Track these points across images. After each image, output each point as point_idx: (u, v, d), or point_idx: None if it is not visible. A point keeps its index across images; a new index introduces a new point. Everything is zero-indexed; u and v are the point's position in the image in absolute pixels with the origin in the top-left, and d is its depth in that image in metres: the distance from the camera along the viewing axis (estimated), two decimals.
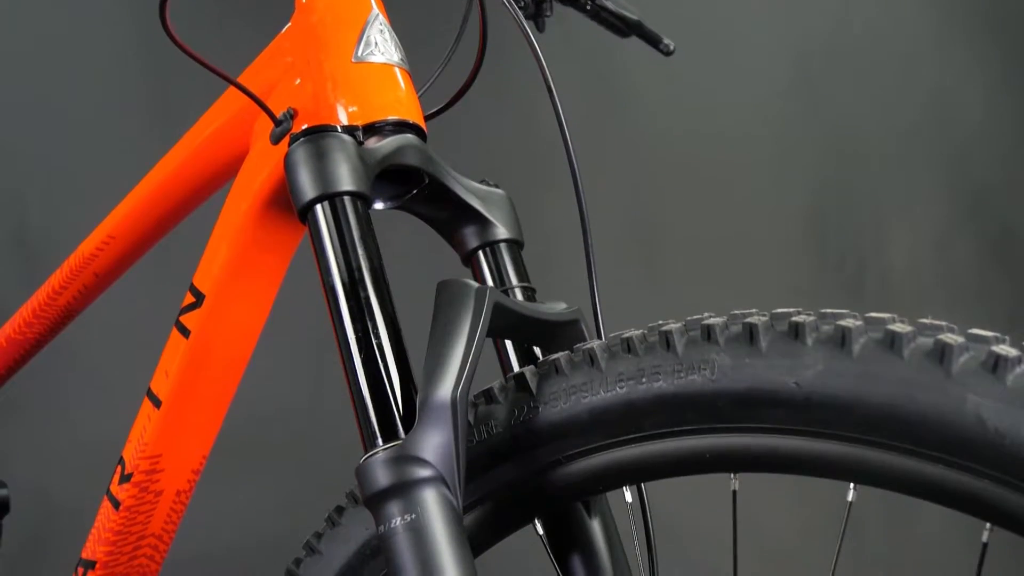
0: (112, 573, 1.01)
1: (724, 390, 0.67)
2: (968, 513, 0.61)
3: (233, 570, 2.12)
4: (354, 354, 0.75)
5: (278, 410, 2.27)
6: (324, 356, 1.38)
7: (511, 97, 2.24)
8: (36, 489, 2.29)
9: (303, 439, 2.32)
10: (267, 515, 2.18)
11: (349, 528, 0.82)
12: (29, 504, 2.26)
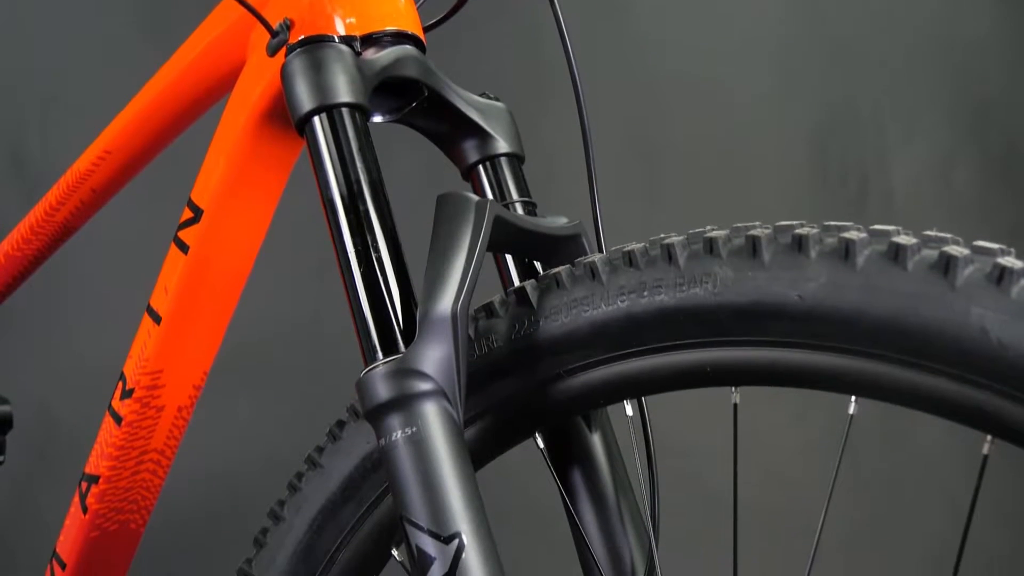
0: (115, 487, 1.01)
1: (726, 303, 0.67)
2: (969, 425, 0.61)
3: (235, 487, 2.14)
4: (353, 268, 0.75)
5: (279, 328, 2.27)
6: (325, 273, 1.37)
7: (512, 8, 2.21)
8: (38, 406, 2.31)
9: (304, 356, 2.33)
10: (269, 432, 2.19)
11: (350, 442, 0.83)
12: (32, 421, 2.28)
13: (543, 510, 1.94)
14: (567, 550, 0.92)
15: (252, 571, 0.87)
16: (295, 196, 1.06)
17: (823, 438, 2.40)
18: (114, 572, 1.07)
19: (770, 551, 2.31)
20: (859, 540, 2.62)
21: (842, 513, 2.43)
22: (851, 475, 2.57)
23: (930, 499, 2.66)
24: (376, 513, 0.82)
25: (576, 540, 0.82)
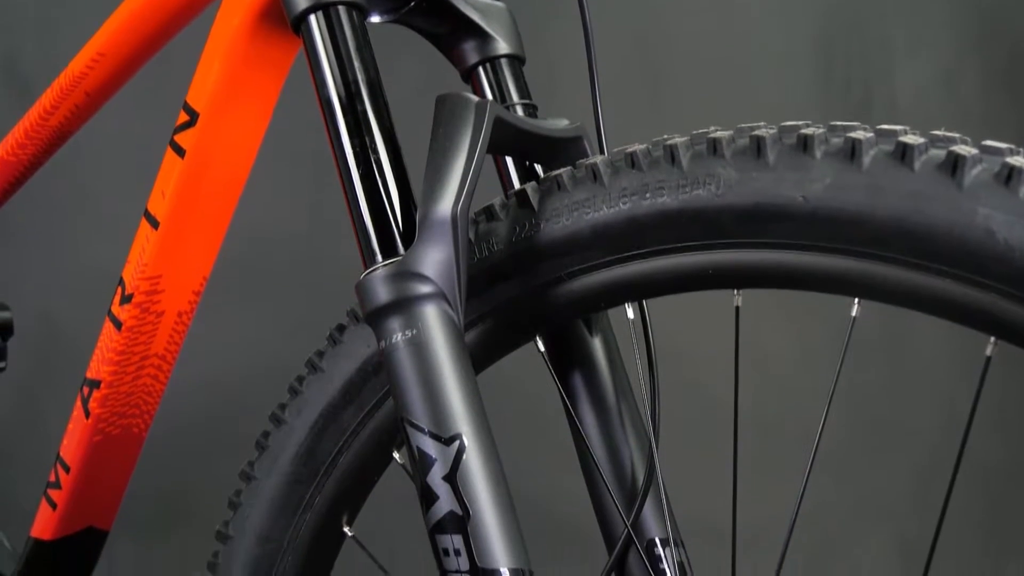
0: (117, 392, 1.02)
1: (729, 205, 0.66)
2: (973, 327, 0.61)
3: (237, 394, 2.15)
4: (352, 170, 0.74)
5: (278, 235, 2.26)
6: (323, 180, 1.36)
7: None
8: (39, 313, 2.31)
9: (304, 264, 2.33)
10: (269, 339, 2.20)
11: (350, 345, 0.83)
12: (33, 328, 2.29)
13: (543, 415, 1.96)
14: (567, 454, 0.92)
15: (255, 473, 0.87)
16: (292, 100, 1.04)
17: (823, 345, 2.40)
18: (118, 476, 1.08)
19: (769, 457, 2.33)
20: (857, 447, 2.64)
21: (840, 419, 2.45)
22: (850, 382, 2.58)
23: (928, 407, 2.68)
24: (377, 416, 0.82)
25: (576, 443, 0.83)
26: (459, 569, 0.66)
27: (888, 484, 2.69)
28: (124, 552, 2.52)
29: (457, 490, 0.66)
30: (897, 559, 2.64)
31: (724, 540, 1.02)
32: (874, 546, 2.67)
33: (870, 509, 2.70)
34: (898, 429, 2.72)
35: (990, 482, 2.60)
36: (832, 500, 2.60)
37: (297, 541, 0.85)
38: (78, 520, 1.08)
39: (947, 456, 0.78)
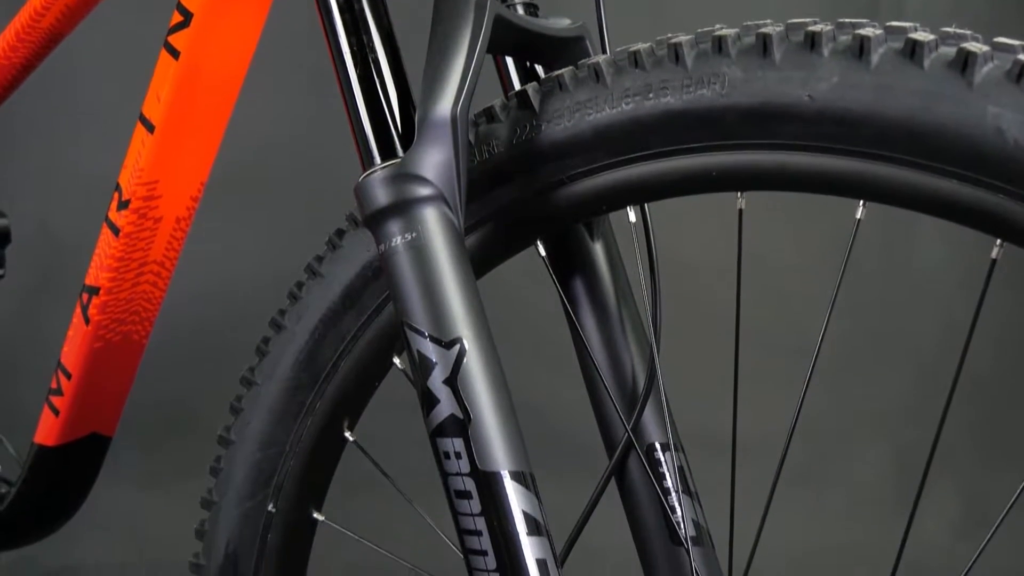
0: (116, 299, 1.01)
1: (734, 105, 0.64)
2: (979, 229, 0.60)
3: (237, 303, 2.15)
4: (350, 70, 0.72)
5: (276, 143, 2.25)
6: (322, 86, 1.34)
7: None
8: (39, 223, 2.30)
9: (303, 172, 2.31)
10: (268, 249, 2.19)
11: (350, 250, 0.82)
12: (33, 238, 2.28)
13: (543, 322, 1.96)
14: (567, 366, 0.92)
15: (255, 379, 0.87)
16: (290, 5, 1.02)
17: (823, 257, 2.40)
18: (119, 382, 1.08)
19: (768, 367, 2.34)
20: (855, 359, 2.65)
21: (840, 331, 2.46)
22: (850, 294, 2.58)
23: (927, 319, 2.69)
24: (377, 321, 0.82)
25: (577, 347, 0.83)
26: (460, 472, 0.66)
27: (886, 396, 2.71)
28: (128, 458, 2.55)
29: (458, 393, 0.66)
30: (893, 469, 2.67)
31: (722, 449, 1.03)
32: (870, 457, 2.70)
33: (867, 421, 2.72)
34: (897, 341, 2.72)
35: (987, 394, 2.62)
36: (830, 411, 2.62)
37: (298, 446, 0.85)
38: (81, 426, 1.08)
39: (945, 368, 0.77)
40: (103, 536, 2.62)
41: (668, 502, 0.80)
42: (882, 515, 2.56)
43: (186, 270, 1.32)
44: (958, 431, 2.21)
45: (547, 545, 0.65)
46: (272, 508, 0.86)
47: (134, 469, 2.64)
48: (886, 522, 2.11)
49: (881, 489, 2.65)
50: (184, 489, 0.97)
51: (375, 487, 1.74)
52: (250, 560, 0.87)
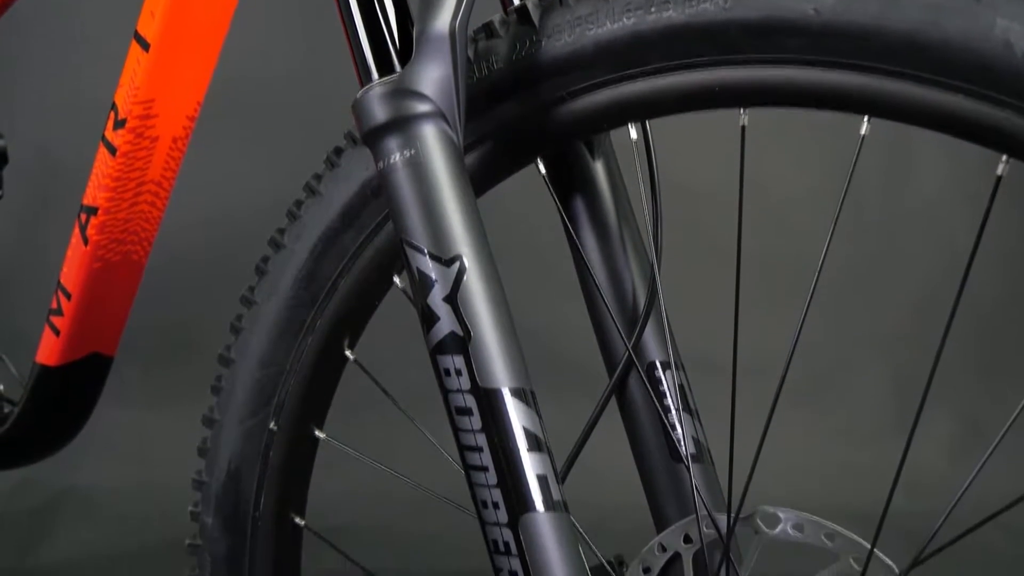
0: (115, 219, 1.01)
1: (737, 19, 0.63)
2: (985, 145, 0.59)
3: (235, 227, 2.14)
4: None
5: (273, 64, 2.22)
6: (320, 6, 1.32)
7: None
8: (37, 146, 2.29)
9: (301, 94, 2.29)
10: (266, 173, 2.18)
11: (348, 168, 0.81)
12: (31, 161, 2.27)
13: (543, 244, 1.95)
14: (567, 282, 0.92)
15: (255, 298, 0.87)
16: None
17: (824, 181, 2.39)
18: (119, 302, 1.08)
19: (768, 290, 2.34)
20: (857, 284, 2.65)
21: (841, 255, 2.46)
22: (852, 218, 2.58)
23: (928, 242, 2.68)
24: (377, 240, 0.81)
25: (578, 266, 0.82)
26: (460, 388, 0.66)
27: (886, 319, 2.71)
28: (132, 380, 2.56)
29: (457, 311, 0.66)
30: (891, 392, 2.68)
31: (722, 372, 1.03)
32: (869, 379, 2.71)
33: (867, 344, 2.73)
34: (898, 265, 2.72)
35: (988, 316, 2.62)
36: (830, 334, 2.62)
37: (299, 365, 0.86)
38: (82, 346, 1.09)
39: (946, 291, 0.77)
40: (108, 457, 2.64)
41: (668, 420, 0.80)
42: (880, 437, 2.59)
43: (185, 194, 1.32)
44: (958, 354, 2.21)
45: (547, 461, 0.66)
46: (273, 426, 0.87)
47: (138, 391, 2.66)
48: (884, 444, 2.13)
49: (879, 411, 2.67)
50: (188, 410, 0.98)
51: (376, 407, 1.76)
52: (252, 477, 0.88)
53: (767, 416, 0.70)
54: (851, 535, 0.70)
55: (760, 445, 0.71)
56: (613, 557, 0.81)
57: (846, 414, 2.70)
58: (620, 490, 1.51)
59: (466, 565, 1.93)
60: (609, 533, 0.79)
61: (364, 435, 1.26)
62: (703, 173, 2.34)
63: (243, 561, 0.89)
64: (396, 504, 2.47)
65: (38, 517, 2.55)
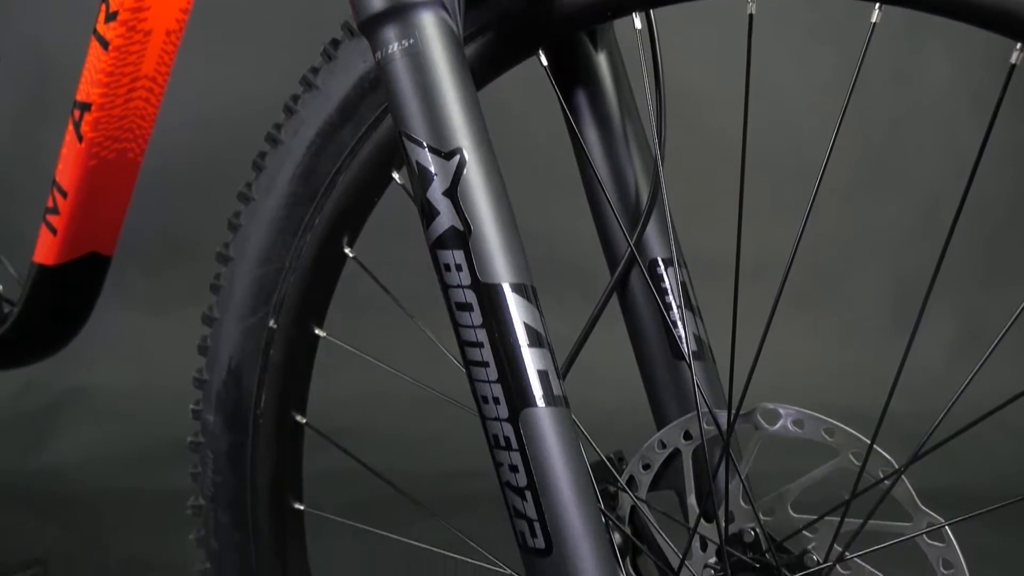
0: (109, 115, 0.99)
1: None
2: (999, 32, 0.58)
3: (232, 128, 2.11)
4: None
5: None
6: None
7: None
8: (34, 47, 2.25)
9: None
10: (264, 70, 2.14)
11: (346, 60, 0.79)
12: (25, 56, 2.24)
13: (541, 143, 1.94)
14: (568, 183, 0.91)
15: (253, 195, 0.86)
16: None
17: (830, 79, 2.36)
18: (116, 200, 1.07)
19: (773, 190, 2.33)
20: (860, 182, 2.63)
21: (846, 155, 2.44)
22: (857, 118, 2.55)
23: (934, 142, 2.66)
24: (376, 135, 0.80)
25: (579, 161, 0.81)
26: (460, 284, 0.65)
27: (889, 220, 2.70)
28: (133, 283, 2.56)
29: (457, 205, 0.65)
30: (894, 290, 2.68)
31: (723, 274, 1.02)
32: (873, 280, 2.71)
33: (870, 243, 2.72)
34: (903, 164, 2.70)
35: (993, 215, 2.61)
36: (832, 234, 2.62)
37: (298, 262, 0.85)
38: (80, 245, 1.08)
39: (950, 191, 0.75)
40: (110, 359, 2.66)
41: (670, 317, 0.80)
42: (881, 339, 2.59)
43: (181, 93, 1.29)
44: (960, 254, 2.20)
45: (548, 357, 0.65)
46: (273, 324, 0.86)
47: (139, 294, 2.66)
48: (885, 346, 2.14)
49: (881, 313, 2.67)
50: (188, 312, 0.98)
51: (376, 312, 1.75)
52: (253, 375, 0.87)
53: (768, 315, 0.70)
54: (851, 431, 0.70)
55: (762, 342, 0.70)
56: (613, 453, 0.81)
57: (848, 316, 2.70)
58: (621, 390, 1.52)
59: (468, 466, 1.95)
60: (608, 434, 0.79)
61: (365, 338, 1.25)
62: (707, 69, 2.31)
63: (245, 458, 0.89)
64: (397, 406, 2.49)
65: (42, 418, 2.57)
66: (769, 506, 0.74)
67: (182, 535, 0.93)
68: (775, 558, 0.72)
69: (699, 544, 0.77)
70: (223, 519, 0.91)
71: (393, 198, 0.84)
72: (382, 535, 0.95)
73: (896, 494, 0.68)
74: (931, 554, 0.68)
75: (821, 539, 0.72)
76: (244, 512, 0.90)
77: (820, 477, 0.72)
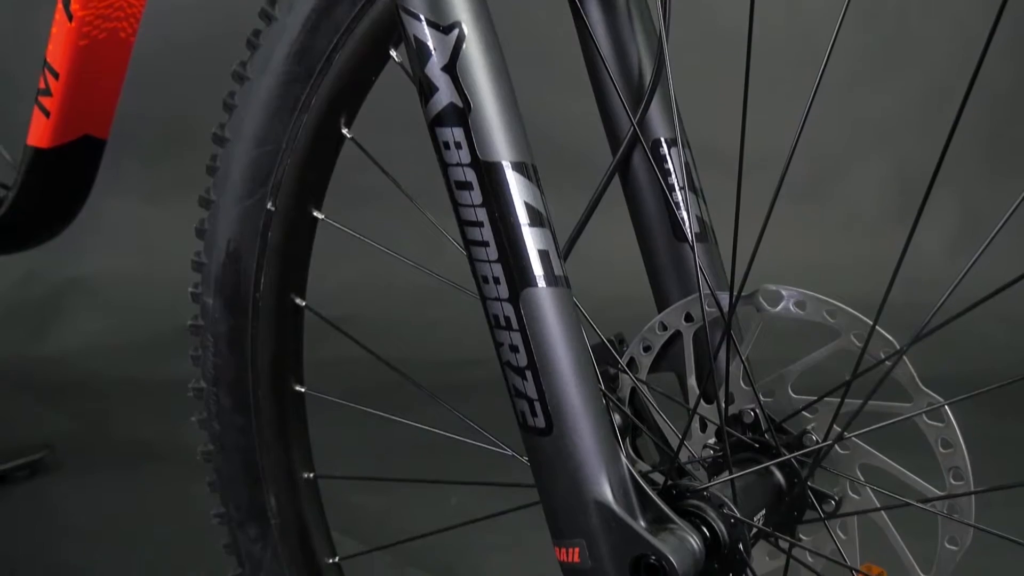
0: None
1: None
2: None
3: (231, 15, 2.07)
4: None
5: None
6: None
7: None
8: None
9: None
10: None
11: None
12: None
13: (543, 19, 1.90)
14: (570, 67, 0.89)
15: (247, 73, 0.84)
16: None
17: None
18: (109, 82, 1.05)
19: (776, 78, 2.29)
20: (865, 72, 2.60)
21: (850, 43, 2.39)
22: (865, 5, 2.50)
23: (941, 31, 2.61)
24: (373, 10, 0.78)
25: (582, 39, 0.79)
26: (460, 162, 0.64)
27: (894, 110, 2.67)
28: (131, 172, 2.55)
29: (457, 81, 0.63)
30: (896, 181, 2.67)
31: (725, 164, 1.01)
32: (875, 168, 2.69)
33: (873, 133, 2.70)
34: (910, 53, 2.66)
35: (996, 108, 2.58)
36: (836, 123, 2.59)
37: (295, 143, 0.83)
38: (73, 128, 1.06)
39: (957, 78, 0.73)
40: (110, 249, 2.66)
41: (673, 198, 0.78)
42: (883, 229, 2.59)
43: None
44: (964, 144, 2.18)
45: (549, 236, 0.65)
46: (271, 206, 0.85)
47: (137, 183, 2.65)
48: (887, 236, 2.13)
49: (884, 203, 2.66)
50: (188, 201, 0.97)
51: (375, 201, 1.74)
52: (251, 257, 0.86)
53: (771, 200, 0.68)
54: (853, 312, 0.70)
55: (765, 223, 0.69)
56: (614, 336, 0.80)
57: (850, 207, 2.69)
58: (623, 278, 1.52)
59: (467, 355, 1.96)
60: (607, 322, 0.79)
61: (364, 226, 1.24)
62: None
63: (245, 341, 0.89)
64: (396, 296, 2.50)
65: (44, 307, 2.58)
66: (769, 388, 0.74)
67: (185, 419, 0.94)
68: (774, 438, 0.72)
69: (699, 425, 0.77)
70: (225, 402, 0.91)
71: (391, 78, 0.82)
72: (383, 418, 0.96)
73: (897, 375, 0.68)
74: (930, 434, 0.69)
75: (820, 420, 0.72)
76: (245, 394, 0.90)
77: (821, 358, 0.71)
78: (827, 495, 0.73)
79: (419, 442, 1.13)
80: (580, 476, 0.64)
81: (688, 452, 0.76)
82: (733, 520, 0.67)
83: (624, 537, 0.64)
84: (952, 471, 0.68)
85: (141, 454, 1.92)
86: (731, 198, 0.69)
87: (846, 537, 0.74)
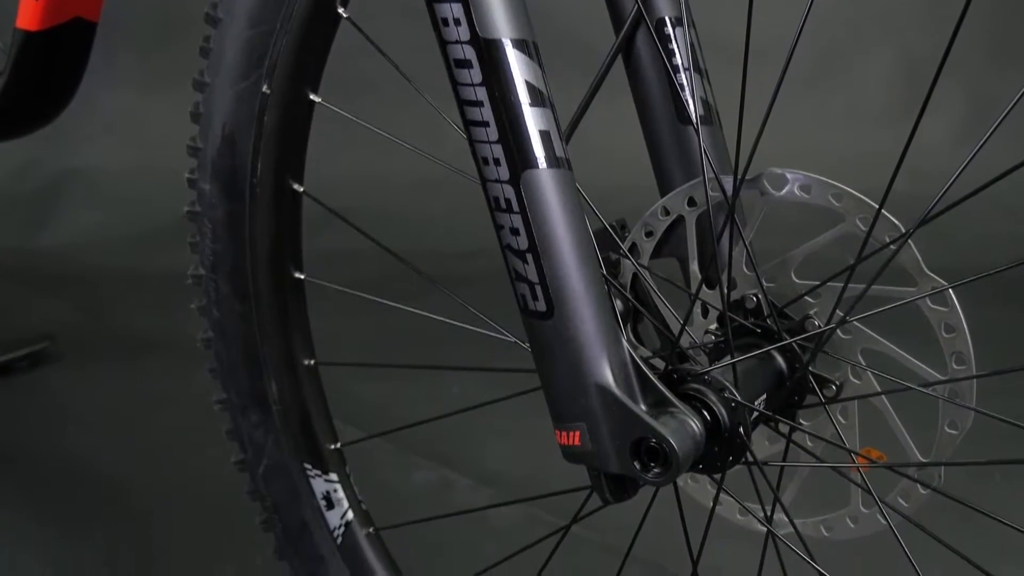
0: None
1: None
2: None
3: None
4: None
5: None
6: None
7: None
8: None
9: None
10: None
11: None
12: None
13: None
14: None
15: None
16: None
17: None
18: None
19: None
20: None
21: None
22: None
23: None
24: None
25: None
26: (459, 39, 0.62)
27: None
28: (127, 63, 2.51)
29: None
30: (902, 72, 2.63)
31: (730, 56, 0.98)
32: (881, 59, 2.66)
33: (878, 22, 2.65)
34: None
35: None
36: (840, 13, 2.54)
37: (290, 23, 0.81)
38: (64, 9, 1.04)
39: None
40: (106, 141, 2.63)
41: (677, 80, 0.77)
42: (888, 120, 2.56)
43: None
44: (971, 34, 2.15)
45: (550, 117, 0.63)
46: (267, 88, 0.83)
47: (133, 73, 2.61)
48: (892, 127, 2.10)
49: (889, 94, 2.63)
50: (184, 92, 0.94)
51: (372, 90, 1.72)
52: (248, 141, 0.85)
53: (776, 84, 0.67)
54: (859, 195, 0.68)
55: (770, 107, 0.67)
56: (616, 221, 0.79)
57: (855, 96, 2.66)
58: (626, 166, 1.50)
59: (466, 246, 1.96)
60: (610, 212, 0.77)
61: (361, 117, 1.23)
62: None
63: (243, 226, 0.88)
64: (395, 187, 2.48)
65: (42, 199, 2.57)
66: (772, 273, 0.73)
67: (184, 310, 0.93)
68: (776, 323, 0.72)
69: (700, 310, 0.76)
70: (224, 288, 0.91)
71: None
72: (383, 307, 0.95)
73: (901, 260, 0.67)
74: (933, 318, 0.68)
75: (823, 305, 0.71)
76: (244, 281, 0.90)
77: (825, 243, 0.70)
78: (828, 380, 0.72)
79: (420, 330, 1.13)
80: (581, 360, 0.64)
81: (689, 337, 0.76)
82: (734, 404, 0.67)
83: (625, 420, 0.64)
84: (955, 356, 0.68)
85: (141, 344, 1.92)
86: (733, 86, 0.67)
87: (846, 422, 0.74)
